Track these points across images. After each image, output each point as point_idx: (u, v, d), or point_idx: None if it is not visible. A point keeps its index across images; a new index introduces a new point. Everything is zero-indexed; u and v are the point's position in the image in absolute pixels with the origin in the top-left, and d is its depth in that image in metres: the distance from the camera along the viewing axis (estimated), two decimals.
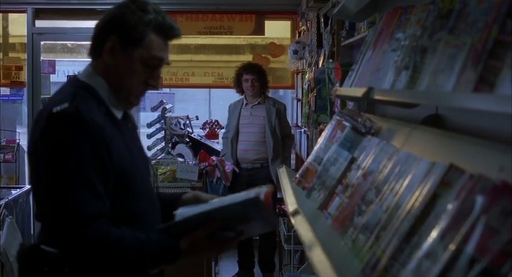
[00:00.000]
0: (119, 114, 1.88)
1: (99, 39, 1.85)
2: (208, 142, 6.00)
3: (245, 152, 5.31)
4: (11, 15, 6.88)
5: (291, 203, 2.01)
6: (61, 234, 1.70)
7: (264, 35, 6.79)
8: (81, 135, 1.69)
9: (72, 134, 1.69)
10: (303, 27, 6.03)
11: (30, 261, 1.80)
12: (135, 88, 1.85)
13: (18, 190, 5.04)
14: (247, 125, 5.34)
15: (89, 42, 1.91)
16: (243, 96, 5.47)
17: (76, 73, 1.96)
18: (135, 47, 1.81)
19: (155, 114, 5.99)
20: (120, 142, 1.81)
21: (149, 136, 5.85)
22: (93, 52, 1.87)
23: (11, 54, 6.85)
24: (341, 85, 2.81)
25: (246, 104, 5.40)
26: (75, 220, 1.67)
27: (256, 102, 5.37)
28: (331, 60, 3.89)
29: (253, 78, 5.30)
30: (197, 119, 6.05)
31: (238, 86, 5.44)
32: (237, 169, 5.27)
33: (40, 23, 6.59)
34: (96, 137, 1.71)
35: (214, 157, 5.20)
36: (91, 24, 1.95)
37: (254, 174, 5.27)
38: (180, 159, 5.24)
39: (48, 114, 1.72)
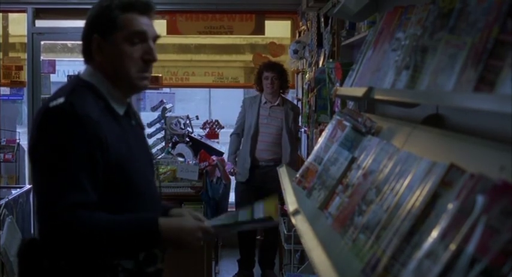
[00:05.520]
0: (120, 110, 1.91)
1: (86, 44, 1.90)
2: (209, 142, 6.00)
3: (261, 152, 5.29)
4: (11, 15, 6.88)
5: (291, 203, 2.01)
6: (40, 223, 1.73)
7: (264, 34, 6.79)
8: (73, 130, 1.72)
9: (64, 128, 1.73)
10: (303, 27, 6.03)
11: (29, 255, 1.81)
12: (133, 69, 1.87)
13: (18, 190, 5.05)
14: (265, 125, 5.30)
15: None
16: (260, 94, 5.41)
17: (77, 72, 2.00)
18: (113, 32, 1.85)
19: (155, 114, 5.99)
20: (120, 138, 1.83)
21: (149, 136, 5.84)
22: (86, 56, 1.92)
23: (11, 54, 6.85)
24: (341, 85, 2.80)
25: (265, 103, 5.37)
26: (53, 208, 1.69)
27: (276, 104, 5.34)
28: (331, 60, 3.89)
29: (273, 76, 5.27)
30: (197, 118, 6.04)
31: (258, 84, 5.41)
32: (236, 169, 5.28)
33: (40, 23, 6.59)
34: (88, 132, 1.73)
35: (214, 157, 5.20)
36: None
37: (267, 172, 5.20)
38: (180, 159, 5.24)
39: (45, 109, 1.77)
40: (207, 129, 6.30)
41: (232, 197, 5.60)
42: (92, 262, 1.77)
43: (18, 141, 6.40)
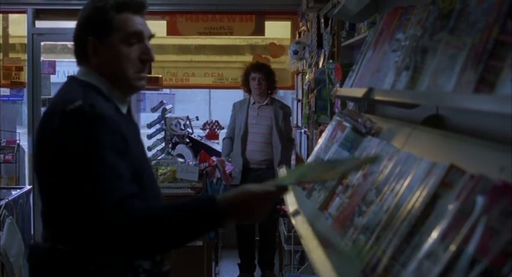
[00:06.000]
0: (124, 109, 1.90)
1: (80, 47, 1.87)
2: (209, 143, 6.00)
3: (253, 152, 5.31)
4: (11, 16, 6.88)
5: (291, 203, 2.01)
6: (92, 224, 1.65)
7: (264, 35, 6.79)
8: (100, 129, 1.70)
9: (91, 129, 1.69)
10: (303, 28, 6.03)
11: (48, 262, 1.77)
12: (131, 70, 1.85)
13: (18, 190, 5.04)
14: (255, 125, 5.34)
15: None
16: (249, 96, 5.45)
17: (73, 73, 1.96)
18: (109, 34, 1.83)
19: (155, 115, 5.98)
20: (132, 138, 1.83)
21: (149, 136, 5.84)
22: (82, 58, 1.89)
23: (11, 55, 6.85)
24: (341, 85, 2.81)
25: (253, 103, 5.39)
26: (108, 202, 1.64)
27: (264, 103, 5.37)
28: (331, 61, 3.89)
29: (261, 77, 5.31)
30: (197, 119, 6.04)
31: (245, 84, 5.44)
32: (237, 170, 5.28)
33: (40, 24, 6.59)
34: (114, 131, 1.72)
35: (214, 158, 5.20)
36: None
37: (260, 175, 5.25)
38: (181, 160, 5.24)
39: (62, 113, 1.72)
40: (207, 130, 6.30)
41: None
42: (116, 265, 1.74)
43: (18, 141, 6.39)
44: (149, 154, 5.44)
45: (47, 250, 1.78)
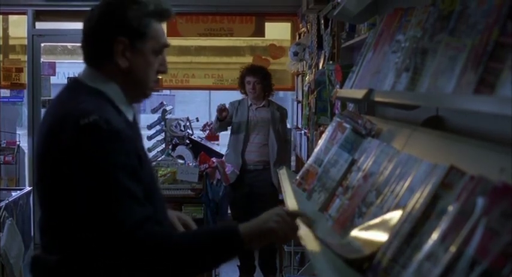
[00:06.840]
0: (130, 117, 1.82)
1: (102, 44, 1.75)
2: (209, 144, 6.00)
3: (249, 153, 5.34)
4: (11, 17, 6.88)
5: (291, 205, 2.02)
6: (109, 245, 1.60)
7: (264, 36, 6.80)
8: (116, 148, 1.63)
9: (107, 146, 1.62)
10: (303, 29, 6.03)
11: (57, 276, 1.70)
12: (151, 80, 1.80)
13: (18, 192, 5.04)
14: (253, 127, 5.35)
15: None
16: (246, 97, 5.47)
17: (77, 76, 1.84)
18: (145, 41, 1.74)
19: (155, 116, 5.98)
20: (143, 151, 1.79)
21: (149, 138, 5.84)
22: (97, 58, 1.77)
23: (11, 56, 6.85)
24: (341, 87, 2.81)
25: (251, 105, 5.41)
26: (125, 227, 1.59)
27: (261, 105, 5.39)
28: (331, 62, 3.89)
29: (255, 81, 5.31)
30: (197, 120, 6.04)
31: (242, 87, 5.46)
32: (237, 171, 5.28)
33: (40, 25, 6.59)
34: (129, 149, 1.66)
35: (214, 159, 5.20)
36: None
37: (256, 176, 5.28)
38: (181, 161, 5.24)
39: (74, 126, 1.62)
40: (207, 131, 6.30)
41: None
42: None
43: (18, 143, 6.39)
44: (149, 155, 5.43)
45: (54, 264, 1.70)
